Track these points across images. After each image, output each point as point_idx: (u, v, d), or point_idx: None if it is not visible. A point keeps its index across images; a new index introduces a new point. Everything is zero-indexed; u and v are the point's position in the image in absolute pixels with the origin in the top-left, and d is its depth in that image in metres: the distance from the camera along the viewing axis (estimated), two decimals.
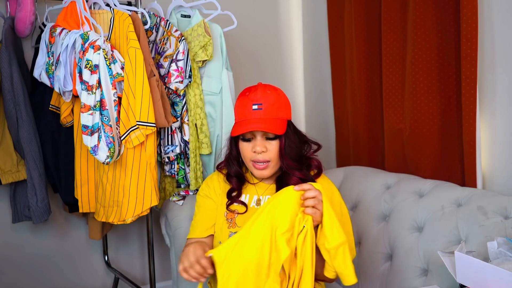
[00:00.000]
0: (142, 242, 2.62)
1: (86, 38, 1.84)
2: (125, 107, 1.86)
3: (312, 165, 1.59)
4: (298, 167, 1.53)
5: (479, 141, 1.74)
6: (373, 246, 1.78)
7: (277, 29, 2.88)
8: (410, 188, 1.78)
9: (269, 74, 2.84)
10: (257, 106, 1.50)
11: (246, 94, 1.55)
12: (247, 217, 1.57)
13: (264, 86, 1.55)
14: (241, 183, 1.61)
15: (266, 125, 1.49)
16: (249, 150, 1.53)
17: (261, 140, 1.51)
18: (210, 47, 2.05)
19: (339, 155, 2.56)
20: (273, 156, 1.52)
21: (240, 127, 1.52)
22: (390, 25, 2.07)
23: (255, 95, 1.52)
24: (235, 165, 1.61)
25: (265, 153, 1.51)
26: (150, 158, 1.91)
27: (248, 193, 1.61)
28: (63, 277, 2.47)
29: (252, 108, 1.51)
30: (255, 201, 1.60)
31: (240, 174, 1.62)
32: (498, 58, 1.70)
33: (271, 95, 1.53)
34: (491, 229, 1.44)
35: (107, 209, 1.97)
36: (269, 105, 1.51)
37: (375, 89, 2.26)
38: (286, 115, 1.55)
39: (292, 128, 1.56)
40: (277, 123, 1.51)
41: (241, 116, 1.54)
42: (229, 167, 1.63)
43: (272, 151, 1.52)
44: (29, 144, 2.02)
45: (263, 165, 1.52)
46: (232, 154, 1.61)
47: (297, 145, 1.54)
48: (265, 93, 1.53)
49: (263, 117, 1.50)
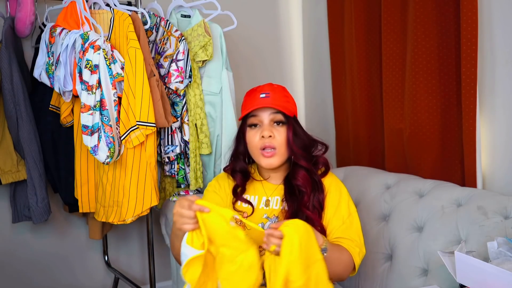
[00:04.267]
0: (142, 242, 2.62)
1: (86, 38, 1.84)
2: (125, 107, 1.86)
3: (319, 163, 1.58)
4: (305, 155, 1.53)
5: (479, 141, 1.74)
6: (373, 246, 1.78)
7: (277, 29, 2.88)
8: (410, 188, 1.78)
9: (269, 74, 2.83)
10: (265, 95, 1.53)
11: (254, 89, 1.59)
12: (254, 218, 1.57)
13: (272, 83, 1.61)
14: (246, 179, 1.61)
15: (276, 102, 1.51)
16: (256, 136, 1.53)
17: (268, 125, 1.52)
18: (210, 47, 2.05)
19: (339, 155, 2.56)
20: (280, 143, 1.51)
21: (248, 108, 1.54)
22: (390, 25, 2.07)
23: (263, 88, 1.57)
24: (241, 160, 1.61)
25: (272, 139, 1.51)
26: (150, 158, 1.92)
27: (256, 194, 1.60)
28: (63, 277, 2.47)
29: (260, 96, 1.54)
30: (263, 202, 1.59)
31: (245, 170, 1.61)
32: (498, 58, 1.70)
33: (278, 88, 1.58)
34: (491, 229, 1.44)
35: (107, 209, 1.97)
36: (276, 95, 1.54)
37: (375, 89, 2.26)
38: (293, 109, 1.57)
39: (299, 124, 1.58)
40: (285, 106, 1.53)
41: (248, 105, 1.55)
42: (235, 162, 1.62)
43: (279, 138, 1.52)
44: (29, 144, 2.02)
45: (270, 152, 1.51)
46: (239, 150, 1.61)
47: (304, 137, 1.56)
48: (273, 87, 1.58)
49: (271, 102, 1.52)
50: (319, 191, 1.52)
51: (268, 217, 1.56)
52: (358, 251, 1.47)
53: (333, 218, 1.51)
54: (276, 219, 1.55)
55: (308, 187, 1.51)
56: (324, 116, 2.72)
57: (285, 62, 2.92)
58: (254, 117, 1.54)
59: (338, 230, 1.50)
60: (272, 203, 1.58)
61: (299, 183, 1.51)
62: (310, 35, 2.84)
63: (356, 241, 1.49)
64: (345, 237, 1.49)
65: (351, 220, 1.52)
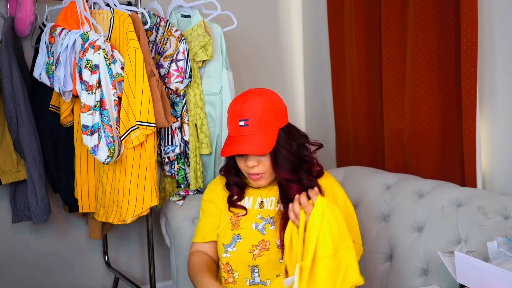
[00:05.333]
0: (142, 242, 2.62)
1: (86, 38, 1.84)
2: (125, 107, 1.86)
3: (313, 166, 1.59)
4: (294, 178, 1.52)
5: (479, 141, 1.74)
6: (373, 246, 1.78)
7: (277, 29, 2.88)
8: (410, 188, 1.78)
9: (269, 74, 2.83)
10: (244, 122, 1.48)
11: (234, 107, 1.52)
12: (249, 218, 1.58)
13: (253, 96, 1.51)
14: (242, 189, 1.63)
15: (251, 146, 1.47)
16: (242, 164, 1.55)
17: (252, 156, 1.51)
18: (210, 47, 2.05)
19: (339, 155, 2.56)
20: (267, 169, 1.53)
21: (227, 146, 1.52)
22: (390, 25, 2.07)
23: (242, 109, 1.49)
24: (233, 175, 1.62)
25: (258, 167, 1.52)
26: (150, 158, 1.91)
27: (251, 195, 1.62)
28: (63, 277, 2.47)
29: (239, 124, 1.49)
30: (258, 204, 1.60)
31: (239, 183, 1.63)
32: (498, 58, 1.70)
33: (258, 107, 1.48)
34: (491, 229, 1.44)
35: (107, 209, 1.97)
36: (255, 120, 1.48)
37: (375, 89, 2.26)
38: (278, 123, 1.51)
39: (288, 134, 1.53)
40: (265, 139, 1.48)
41: (230, 130, 1.55)
42: (227, 177, 1.64)
43: (265, 165, 1.52)
44: (29, 144, 2.02)
45: (258, 176, 1.54)
46: (229, 165, 1.63)
47: (291, 156, 1.52)
48: (252, 106, 1.48)
49: (250, 134, 1.48)
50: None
51: (262, 217, 1.57)
52: (358, 249, 1.48)
53: None
54: (271, 220, 1.56)
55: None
56: (324, 116, 2.72)
57: (285, 62, 2.92)
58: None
59: None
60: (266, 204, 1.60)
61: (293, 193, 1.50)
62: (310, 35, 2.84)
63: (355, 239, 1.49)
64: None
65: (349, 220, 1.52)
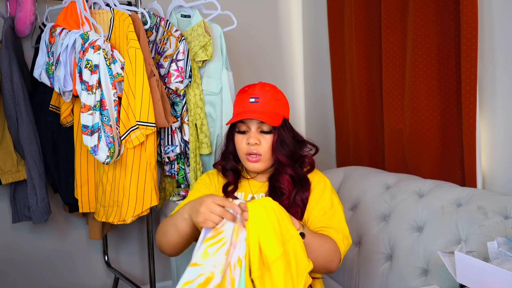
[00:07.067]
0: (142, 242, 2.62)
1: (86, 38, 1.84)
2: (125, 107, 1.86)
3: (305, 162, 1.61)
4: (289, 163, 1.55)
5: (479, 141, 1.74)
6: (373, 246, 1.78)
7: (277, 29, 2.88)
8: (410, 188, 1.78)
9: (269, 74, 2.84)
10: (254, 99, 1.54)
11: (245, 90, 1.59)
12: None
13: (264, 84, 1.60)
14: (237, 178, 1.64)
15: (261, 116, 1.52)
16: (243, 142, 1.56)
17: (255, 133, 1.55)
18: (210, 47, 2.05)
19: (339, 155, 2.56)
20: (266, 150, 1.54)
21: (236, 116, 1.56)
22: (390, 25, 2.07)
23: (253, 90, 1.56)
24: (231, 159, 1.64)
25: (258, 146, 1.54)
26: (150, 158, 1.92)
27: (243, 190, 1.64)
28: (63, 277, 2.47)
29: (250, 101, 1.54)
30: (249, 199, 1.61)
31: (236, 169, 1.64)
32: (498, 58, 1.70)
33: (269, 91, 1.57)
34: (491, 229, 1.44)
35: (107, 209, 1.97)
36: (266, 100, 1.54)
37: (375, 89, 2.26)
38: (283, 112, 1.58)
39: (289, 126, 1.59)
40: (272, 116, 1.53)
41: (238, 109, 1.58)
42: (225, 161, 1.66)
43: (265, 145, 1.54)
44: (29, 144, 2.02)
45: (256, 158, 1.55)
46: (229, 149, 1.64)
47: (290, 143, 1.57)
48: (264, 89, 1.57)
49: (260, 110, 1.53)
50: (304, 189, 1.55)
51: None
52: (341, 237, 1.46)
53: (314, 209, 1.52)
54: None
55: (290, 188, 1.54)
56: (324, 117, 2.72)
57: (285, 62, 2.92)
58: (242, 124, 1.56)
59: (319, 220, 1.50)
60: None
61: (281, 185, 1.54)
62: (310, 35, 2.84)
63: (338, 229, 1.48)
64: (327, 226, 1.48)
65: (333, 211, 1.52)
